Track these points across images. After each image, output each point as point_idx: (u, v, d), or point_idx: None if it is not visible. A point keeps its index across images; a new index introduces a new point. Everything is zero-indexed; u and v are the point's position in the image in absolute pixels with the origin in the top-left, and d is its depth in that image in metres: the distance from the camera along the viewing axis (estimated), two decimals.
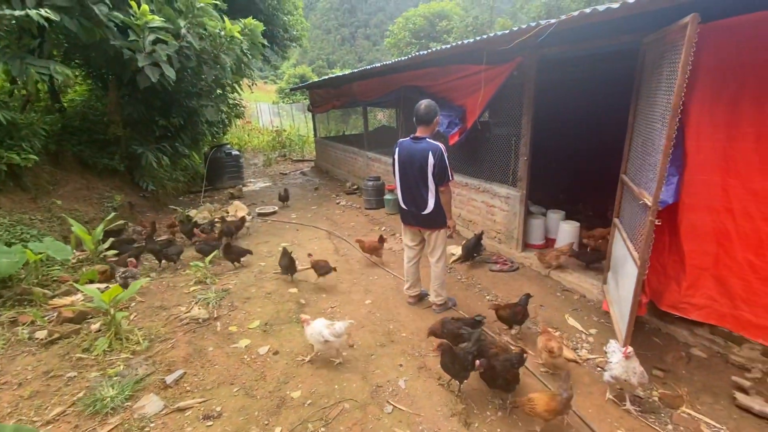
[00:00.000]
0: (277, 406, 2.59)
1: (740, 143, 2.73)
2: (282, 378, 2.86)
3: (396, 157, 3.53)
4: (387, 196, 7.21)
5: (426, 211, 3.46)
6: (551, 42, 3.84)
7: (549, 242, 5.06)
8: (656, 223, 2.57)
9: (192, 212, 7.10)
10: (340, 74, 8.44)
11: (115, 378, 2.80)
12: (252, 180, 11.07)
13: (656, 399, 2.67)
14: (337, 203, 8.26)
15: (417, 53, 5.33)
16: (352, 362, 3.01)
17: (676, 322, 3.33)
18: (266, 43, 9.12)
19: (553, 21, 3.16)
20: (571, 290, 4.19)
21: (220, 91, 9.56)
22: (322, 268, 4.29)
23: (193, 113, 8.28)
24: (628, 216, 3.35)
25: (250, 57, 9.03)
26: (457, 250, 5.20)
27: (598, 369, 3.00)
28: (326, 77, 9.89)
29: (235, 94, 11.29)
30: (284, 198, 8.09)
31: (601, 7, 2.77)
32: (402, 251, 5.31)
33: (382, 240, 5.09)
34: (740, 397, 2.54)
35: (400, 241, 5.69)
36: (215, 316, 3.69)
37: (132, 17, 4.94)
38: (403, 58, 5.57)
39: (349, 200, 8.41)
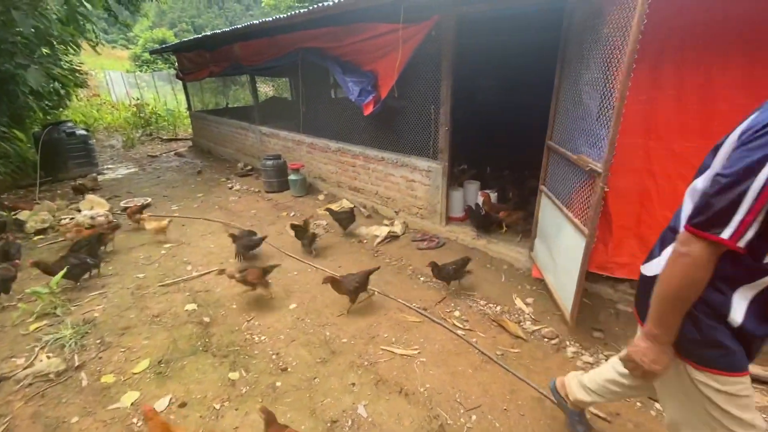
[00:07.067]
0: None
1: (661, 105, 2.81)
2: None
3: None
4: (291, 176, 6.37)
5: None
6: None
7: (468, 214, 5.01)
8: (606, 189, 2.49)
9: (22, 215, 5.22)
10: (218, 32, 7.03)
11: None
12: (110, 166, 8.88)
13: (604, 362, 2.70)
14: (230, 188, 7.08)
15: (318, 5, 4.53)
16: (292, 393, 2.38)
17: (600, 280, 3.49)
18: None
19: None
20: (500, 260, 4.17)
21: (47, 51, 7.21)
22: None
23: (10, 79, 6.04)
24: (558, 182, 3.32)
25: (87, 6, 6.96)
26: (379, 230, 4.80)
27: (545, 340, 2.96)
28: (197, 36, 8.20)
29: (72, 57, 8.76)
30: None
31: None
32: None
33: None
34: None
35: (314, 227, 5.05)
36: (77, 364, 2.60)
37: None
38: (300, 11, 4.70)
39: (244, 183, 7.29)
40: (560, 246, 3.17)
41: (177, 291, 3.58)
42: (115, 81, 19.69)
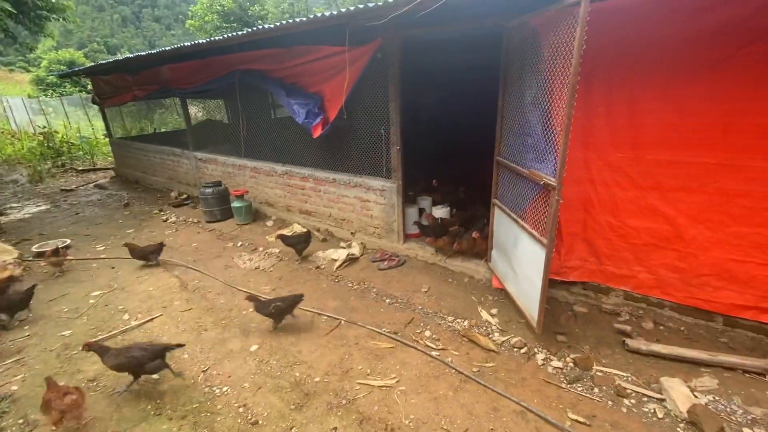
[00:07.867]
0: None
1: (595, 120, 3.07)
2: None
3: None
4: (235, 204, 6.00)
5: None
6: (415, 22, 3.62)
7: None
8: (560, 201, 2.63)
9: None
10: (142, 54, 6.50)
11: None
12: (15, 205, 7.72)
13: (572, 365, 2.82)
14: (165, 220, 6.49)
15: (258, 27, 4.37)
16: None
17: (556, 285, 3.68)
18: (8, 7, 6.33)
19: None
20: (460, 273, 4.23)
21: None
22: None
23: None
24: (511, 196, 3.46)
25: None
26: (337, 254, 4.66)
27: (515, 349, 3.02)
28: (118, 59, 7.53)
29: None
30: None
31: None
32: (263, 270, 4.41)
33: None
34: (630, 342, 2.90)
35: (266, 257, 4.78)
36: None
37: None
38: (238, 33, 4.50)
39: (181, 214, 6.72)
40: (519, 256, 3.29)
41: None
42: (16, 107, 17.41)
